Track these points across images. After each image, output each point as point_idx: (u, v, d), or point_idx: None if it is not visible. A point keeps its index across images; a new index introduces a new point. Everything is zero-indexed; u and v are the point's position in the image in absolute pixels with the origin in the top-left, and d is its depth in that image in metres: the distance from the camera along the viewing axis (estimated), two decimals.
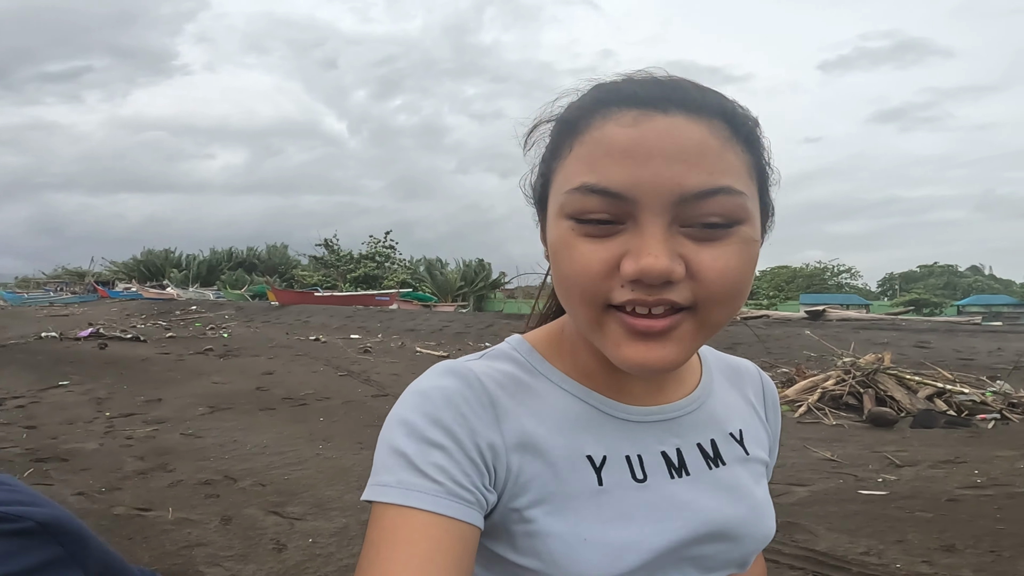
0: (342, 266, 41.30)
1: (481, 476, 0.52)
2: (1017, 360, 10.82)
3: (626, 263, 0.46)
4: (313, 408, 7.23)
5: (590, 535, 0.53)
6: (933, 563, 2.97)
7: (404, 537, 0.47)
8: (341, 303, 27.61)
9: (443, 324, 19.56)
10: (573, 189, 0.48)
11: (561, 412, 0.57)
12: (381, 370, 10.60)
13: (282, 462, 4.91)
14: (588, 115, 0.49)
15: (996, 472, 4.51)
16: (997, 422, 6.43)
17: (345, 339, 15.90)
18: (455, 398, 0.53)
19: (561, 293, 0.52)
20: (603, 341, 0.51)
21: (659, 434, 0.59)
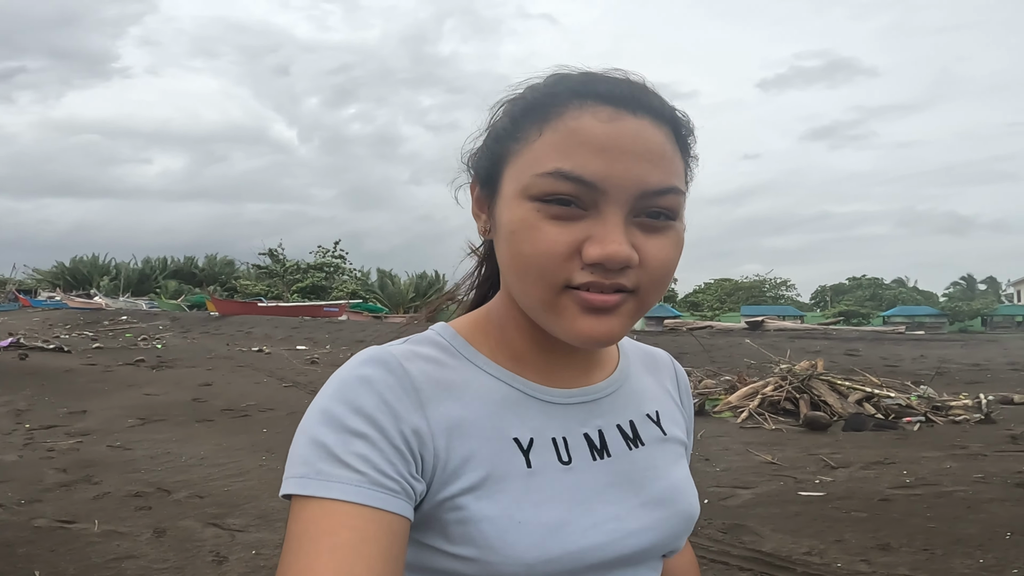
0: (288, 276, 40.19)
1: (407, 465, 0.50)
2: (938, 366, 11.53)
3: (591, 248, 0.48)
4: (256, 419, 6.97)
5: (523, 517, 0.52)
6: (871, 562, 3.08)
7: (326, 529, 0.46)
8: (286, 314, 26.90)
9: (394, 335, 18.97)
10: (546, 173, 0.49)
11: (486, 395, 0.56)
12: None
13: (221, 474, 4.71)
14: (561, 103, 0.51)
15: (923, 472, 4.76)
16: (922, 424, 6.82)
17: (291, 350, 15.45)
18: (377, 385, 0.51)
19: (516, 270, 0.52)
20: (556, 318, 0.52)
21: (582, 416, 0.59)
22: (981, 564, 2.94)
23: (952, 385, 9.75)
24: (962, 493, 4.18)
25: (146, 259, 50.35)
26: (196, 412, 7.28)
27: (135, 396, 8.27)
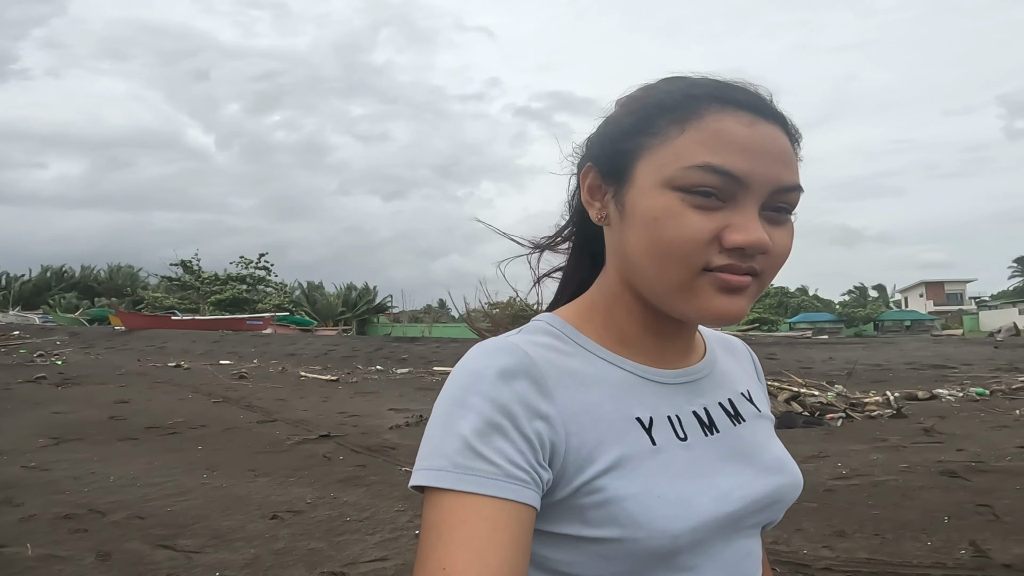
0: (204, 288, 38.02)
1: (535, 454, 0.51)
2: (847, 367, 12.42)
3: (735, 235, 0.53)
4: (187, 437, 6.54)
5: (661, 492, 0.54)
6: (832, 548, 3.26)
7: (462, 519, 0.48)
8: (205, 327, 25.47)
9: (327, 348, 18.65)
10: (695, 166, 0.53)
11: (603, 379, 0.58)
12: (263, 395, 9.86)
13: (159, 493, 4.38)
14: (703, 106, 0.55)
15: (855, 464, 5.11)
16: (844, 420, 7.32)
17: (214, 365, 14.59)
18: (506, 375, 0.53)
19: (656, 253, 0.54)
20: (690, 298, 0.55)
21: (688, 395, 0.62)
22: (930, 547, 3.16)
23: (861, 384, 10.54)
24: (894, 482, 4.50)
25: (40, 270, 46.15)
26: (117, 430, 6.74)
27: (42, 415, 7.54)
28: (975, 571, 2.81)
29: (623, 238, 0.58)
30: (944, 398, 8.92)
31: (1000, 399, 8.74)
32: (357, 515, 3.93)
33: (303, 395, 10.10)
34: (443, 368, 14.63)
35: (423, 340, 23.33)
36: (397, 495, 4.32)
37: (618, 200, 0.59)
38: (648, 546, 0.52)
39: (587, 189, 0.62)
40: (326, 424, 7.23)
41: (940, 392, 9.25)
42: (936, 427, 6.62)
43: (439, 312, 56.46)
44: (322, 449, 5.91)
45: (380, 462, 5.37)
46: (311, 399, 9.63)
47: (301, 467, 5.21)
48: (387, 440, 6.32)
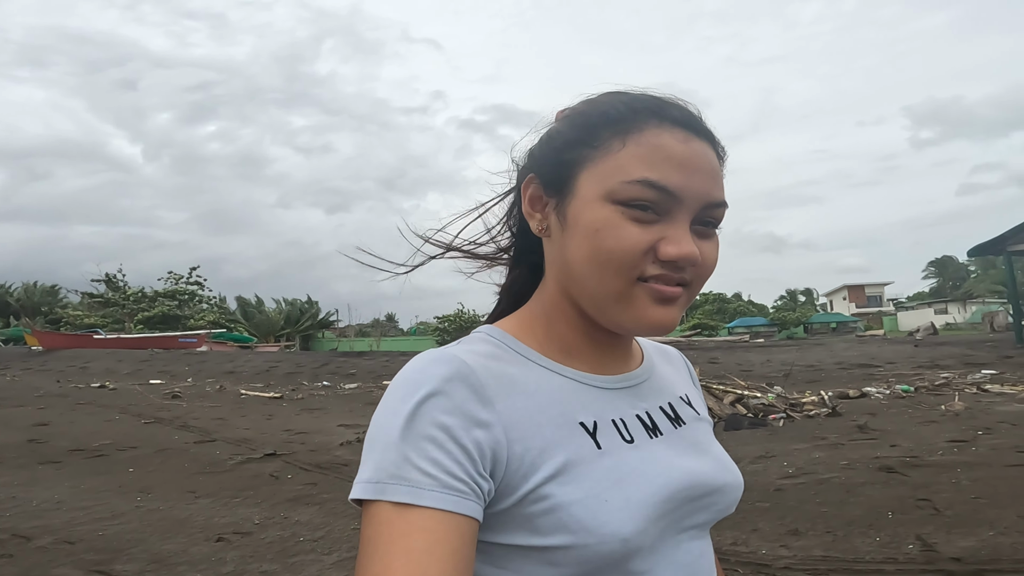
0: (130, 305, 35.97)
1: (474, 464, 0.51)
2: (783, 369, 12.95)
3: (668, 247, 0.55)
4: (116, 459, 6.15)
5: (608, 496, 0.53)
6: (789, 547, 3.34)
7: (400, 532, 0.47)
8: (131, 346, 24.17)
9: (269, 364, 18.01)
10: (634, 181, 0.55)
11: (545, 386, 0.58)
12: (200, 415, 9.39)
13: (89, 517, 4.10)
14: (643, 120, 0.57)
15: (800, 463, 5.29)
16: (785, 420, 7.60)
17: (143, 385, 13.79)
18: (443, 385, 0.52)
19: (595, 264, 0.56)
20: (627, 307, 0.57)
21: (629, 400, 0.63)
22: (878, 542, 3.28)
23: (797, 384, 11.01)
24: (838, 479, 4.68)
25: None
26: (37, 454, 6.29)
27: None
28: (925, 566, 2.92)
29: (564, 248, 0.59)
30: (873, 396, 9.41)
31: (925, 395, 9.29)
32: (311, 535, 3.76)
33: (244, 413, 9.68)
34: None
35: (371, 354, 22.91)
36: (352, 513, 4.16)
37: (560, 211, 0.60)
38: (599, 551, 0.52)
39: (528, 200, 0.63)
40: (271, 442, 6.93)
41: (869, 390, 9.76)
42: (869, 424, 6.95)
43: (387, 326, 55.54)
44: (268, 468, 5.65)
45: (332, 479, 5.18)
46: (253, 417, 9.23)
47: (246, 487, 4.96)
48: (338, 457, 6.11)
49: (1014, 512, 3.52)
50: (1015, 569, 2.75)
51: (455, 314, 33.46)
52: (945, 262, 58.22)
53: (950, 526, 3.42)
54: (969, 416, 7.20)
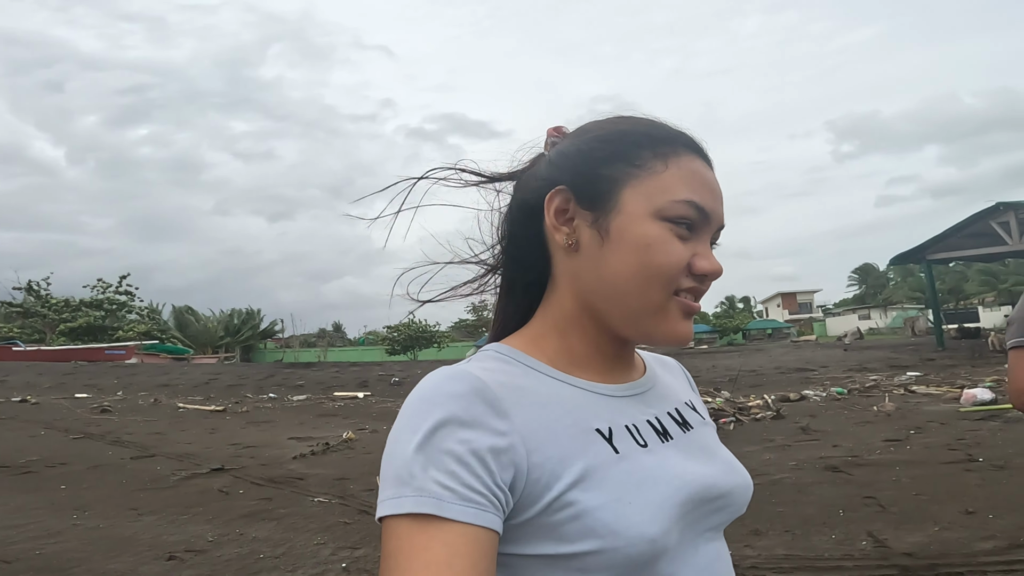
0: (52, 316, 33.75)
1: (492, 476, 0.51)
2: (728, 374, 13.42)
3: (703, 263, 0.60)
4: (45, 476, 5.77)
5: (631, 498, 0.54)
6: (753, 546, 3.44)
7: (421, 545, 0.47)
8: (53, 359, 22.76)
9: (208, 377, 17.30)
10: (681, 200, 0.59)
11: (557, 395, 0.59)
12: (135, 430, 8.91)
13: (23, 535, 3.84)
14: (680, 146, 0.62)
15: (752, 464, 5.48)
16: (735, 424, 7.86)
17: (69, 399, 12.94)
18: (460, 401, 0.53)
19: (641, 277, 0.58)
20: (661, 319, 0.60)
21: (639, 407, 0.64)
22: (835, 540, 3.42)
23: (741, 389, 11.43)
24: (789, 479, 4.88)
25: None
26: None
27: None
28: (880, 561, 3.05)
29: (602, 262, 0.60)
30: (812, 398, 9.87)
31: (857, 397, 9.82)
32: (271, 551, 3.61)
33: (184, 427, 9.24)
34: (345, 393, 14.06)
35: (319, 365, 22.38)
36: (314, 527, 4.03)
37: (600, 225, 0.61)
38: (628, 554, 0.52)
39: (553, 212, 0.63)
40: (217, 457, 6.64)
41: (808, 393, 10.25)
42: (811, 426, 7.29)
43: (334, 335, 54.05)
44: (216, 483, 5.40)
45: (288, 494, 5.00)
46: (195, 431, 8.82)
47: (194, 503, 4.73)
48: (292, 471, 5.91)
49: (955, 508, 3.74)
50: (965, 563, 2.90)
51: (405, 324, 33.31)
52: (867, 270, 61.86)
53: (897, 523, 3.60)
54: (900, 416, 7.65)
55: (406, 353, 33.04)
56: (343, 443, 7.31)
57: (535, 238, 0.65)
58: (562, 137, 0.67)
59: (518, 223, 0.67)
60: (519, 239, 0.68)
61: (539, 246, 0.65)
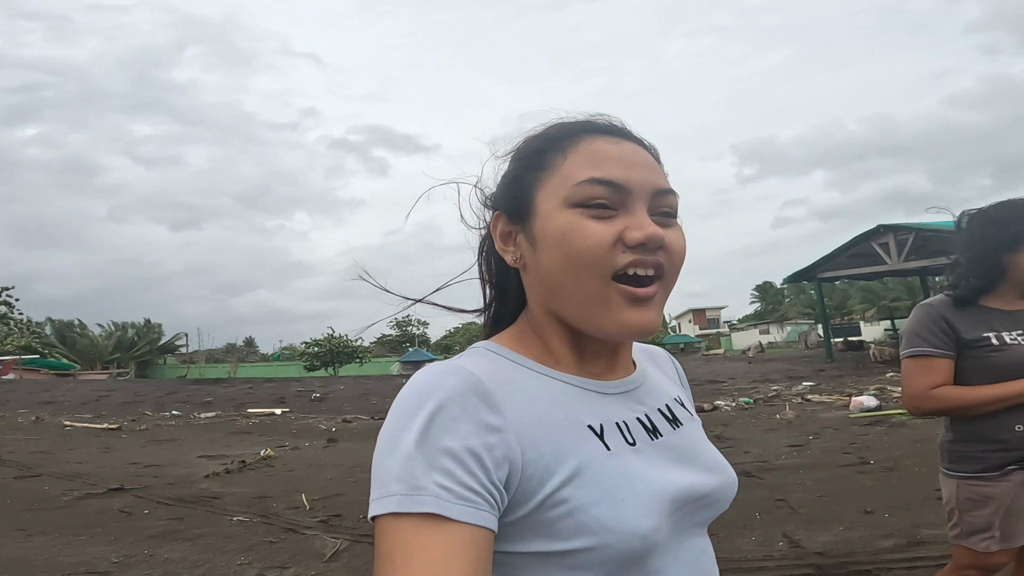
0: None
1: (488, 473, 0.51)
2: None
3: (633, 232, 0.58)
4: None
5: (623, 495, 0.55)
6: None
7: (417, 544, 0.47)
8: None
9: (98, 394, 15.97)
10: (582, 182, 0.59)
11: (549, 391, 0.60)
12: (15, 448, 8.09)
13: None
14: (576, 135, 0.63)
15: None
16: None
17: None
18: (454, 396, 0.53)
19: (569, 268, 0.58)
20: (605, 312, 0.58)
21: (629, 403, 0.65)
22: (755, 542, 3.58)
23: None
24: None
25: None
26: None
27: None
28: (797, 561, 3.22)
29: (539, 267, 0.61)
30: (723, 408, 10.41)
31: (762, 406, 10.44)
32: (188, 572, 3.38)
33: (72, 446, 8.46)
34: (260, 410, 13.39)
35: (229, 381, 21.16)
36: (236, 547, 3.79)
37: (528, 234, 0.63)
38: (621, 550, 0.53)
39: (500, 238, 0.66)
40: (115, 476, 6.12)
41: (719, 403, 10.79)
42: (724, 434, 7.66)
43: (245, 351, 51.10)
44: (116, 503, 4.99)
45: (202, 513, 4.68)
46: (85, 450, 8.10)
47: (91, 524, 4.35)
48: (205, 489, 5.54)
49: (855, 508, 4.02)
50: (871, 561, 3.11)
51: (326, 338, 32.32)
52: (766, 287, 66.09)
53: (807, 523, 3.83)
54: (800, 423, 8.20)
55: (326, 369, 31.98)
56: (261, 460, 6.95)
57: (505, 265, 0.68)
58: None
59: (493, 257, 0.72)
60: (498, 270, 0.72)
61: (511, 271, 0.69)
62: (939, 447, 1.74)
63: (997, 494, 1.58)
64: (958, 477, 1.65)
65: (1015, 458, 1.56)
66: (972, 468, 1.62)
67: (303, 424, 11.05)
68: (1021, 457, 1.56)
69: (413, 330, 57.32)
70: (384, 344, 52.97)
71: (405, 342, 53.13)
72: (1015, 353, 1.56)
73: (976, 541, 1.61)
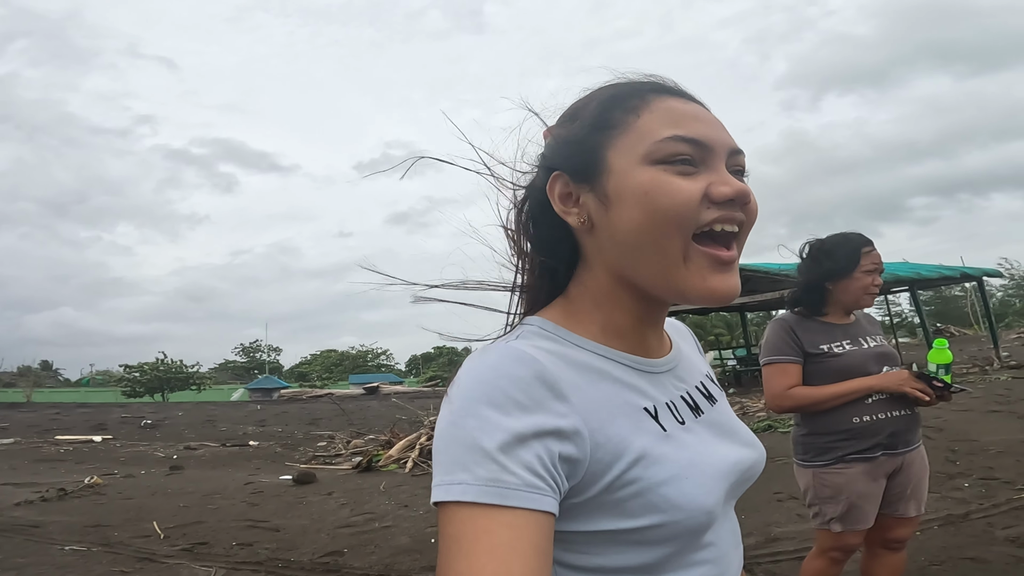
0: None
1: (552, 457, 0.52)
2: None
3: (720, 188, 0.56)
4: None
5: (686, 473, 0.57)
6: None
7: (484, 528, 0.48)
8: None
9: None
10: (665, 139, 0.57)
11: (607, 374, 0.60)
12: None
13: None
14: (646, 94, 0.61)
15: None
16: None
17: None
18: (523, 385, 0.53)
19: (651, 226, 0.56)
20: (687, 274, 0.57)
21: (674, 382, 0.66)
22: None
23: None
24: None
25: None
26: None
27: None
28: None
29: (613, 227, 0.59)
30: None
31: None
32: None
33: None
34: (74, 437, 11.66)
35: (28, 406, 18.19)
36: (73, 566, 3.26)
37: (599, 193, 0.60)
38: (688, 525, 0.56)
39: (559, 198, 0.63)
40: None
41: None
42: None
43: (42, 375, 44.11)
44: None
45: (20, 541, 4.01)
46: None
47: None
48: (20, 517, 4.73)
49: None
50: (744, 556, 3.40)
51: (155, 363, 29.26)
52: None
53: None
54: None
55: (153, 395, 28.78)
56: (87, 488, 6.05)
57: (558, 228, 0.64)
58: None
59: (540, 221, 0.66)
60: (545, 236, 0.66)
61: (564, 235, 0.65)
62: (792, 441, 2.00)
63: (844, 481, 1.84)
64: (812, 467, 1.91)
65: (857, 447, 1.84)
66: (823, 458, 1.88)
67: (133, 452, 9.82)
68: (863, 447, 1.84)
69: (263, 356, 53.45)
70: (227, 370, 48.78)
71: (253, 369, 49.34)
72: (846, 359, 1.89)
73: (834, 524, 1.85)
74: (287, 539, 4.02)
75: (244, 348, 54.20)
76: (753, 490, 5.15)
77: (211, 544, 3.96)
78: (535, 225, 0.67)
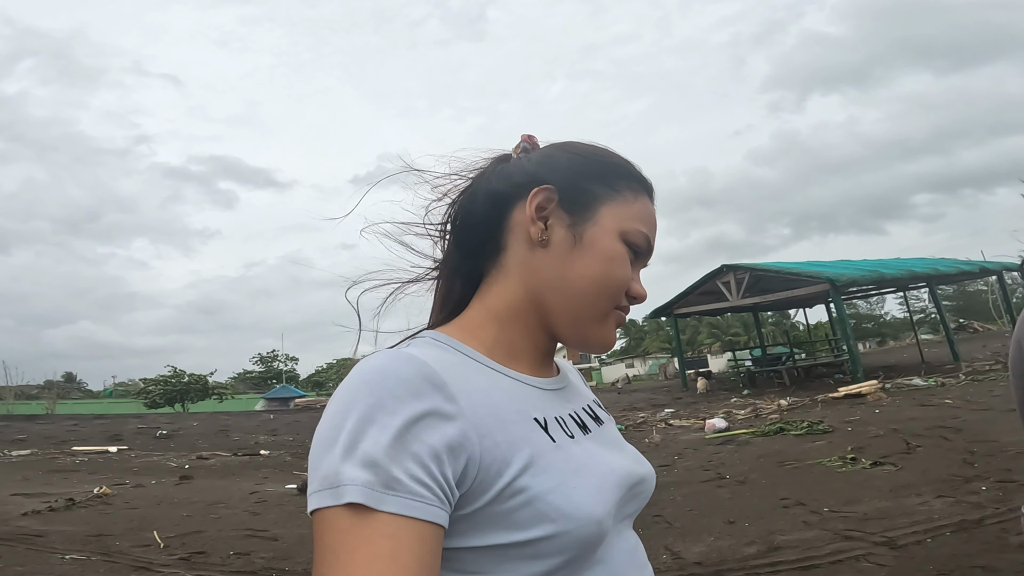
0: None
1: (440, 465, 0.49)
2: None
3: (638, 288, 0.68)
4: None
5: (574, 483, 0.56)
6: None
7: (363, 538, 0.45)
8: None
9: None
10: (640, 232, 0.67)
11: (496, 384, 0.60)
12: None
13: None
14: (643, 189, 0.70)
15: None
16: None
17: None
18: (408, 384, 0.51)
19: (600, 286, 0.64)
20: (600, 327, 0.66)
21: (561, 401, 0.68)
22: None
23: None
24: None
25: None
26: None
27: None
28: (679, 572, 3.33)
29: (568, 264, 0.64)
30: None
31: (632, 431, 10.99)
32: None
33: None
34: (90, 448, 11.84)
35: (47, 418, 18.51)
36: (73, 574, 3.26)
37: (575, 230, 0.65)
38: (579, 536, 0.54)
39: (536, 206, 0.65)
40: None
41: None
42: None
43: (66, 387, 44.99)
44: None
45: (23, 551, 4.04)
46: None
47: None
48: (25, 527, 4.78)
49: (719, 520, 4.30)
50: (740, 567, 3.30)
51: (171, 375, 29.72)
52: (629, 325, 70.41)
53: (683, 536, 4.03)
54: (665, 445, 8.72)
55: (172, 406, 29.18)
56: (95, 498, 6.10)
57: (495, 227, 0.67)
58: (534, 145, 0.72)
59: (481, 211, 0.68)
60: (475, 226, 0.68)
61: (496, 235, 0.67)
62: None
63: None
64: None
65: None
66: None
67: (147, 461, 9.93)
68: None
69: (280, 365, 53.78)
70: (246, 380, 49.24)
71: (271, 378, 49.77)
72: None
73: None
74: (284, 548, 4.01)
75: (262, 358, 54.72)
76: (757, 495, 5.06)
77: (208, 553, 3.97)
78: (469, 221, 0.69)
